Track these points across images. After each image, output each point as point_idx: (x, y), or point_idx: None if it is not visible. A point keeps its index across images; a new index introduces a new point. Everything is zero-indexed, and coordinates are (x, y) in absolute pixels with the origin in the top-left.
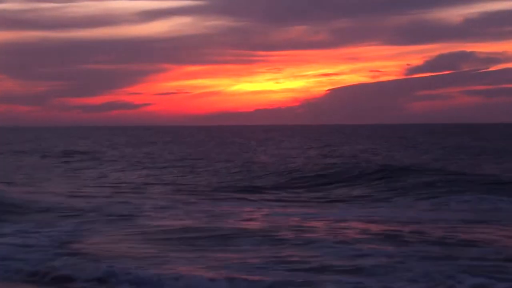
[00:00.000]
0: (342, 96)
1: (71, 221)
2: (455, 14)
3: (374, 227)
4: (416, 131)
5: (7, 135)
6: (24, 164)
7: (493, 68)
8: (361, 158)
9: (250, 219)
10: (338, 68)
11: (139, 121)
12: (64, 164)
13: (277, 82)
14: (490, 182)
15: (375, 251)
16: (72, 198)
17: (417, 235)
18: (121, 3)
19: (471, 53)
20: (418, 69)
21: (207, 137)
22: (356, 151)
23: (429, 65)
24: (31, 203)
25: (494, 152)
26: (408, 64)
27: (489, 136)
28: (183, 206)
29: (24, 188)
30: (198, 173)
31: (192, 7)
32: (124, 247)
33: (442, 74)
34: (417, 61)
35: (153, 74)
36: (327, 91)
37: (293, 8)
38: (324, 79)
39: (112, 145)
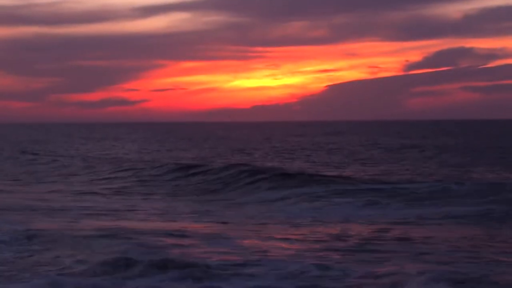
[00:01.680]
0: (340, 92)
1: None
2: (454, 10)
3: None
4: (410, 128)
5: None
6: None
7: (492, 64)
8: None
9: None
10: (336, 64)
11: (136, 117)
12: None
13: (274, 78)
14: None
15: None
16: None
17: None
18: None
19: (470, 49)
20: (416, 65)
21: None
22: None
23: (428, 61)
24: None
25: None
26: (406, 60)
27: (484, 133)
28: None
29: None
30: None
31: (189, 2)
32: None
33: (441, 70)
34: (415, 57)
35: (150, 70)
36: (325, 88)
37: (291, 4)
38: (322, 75)
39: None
